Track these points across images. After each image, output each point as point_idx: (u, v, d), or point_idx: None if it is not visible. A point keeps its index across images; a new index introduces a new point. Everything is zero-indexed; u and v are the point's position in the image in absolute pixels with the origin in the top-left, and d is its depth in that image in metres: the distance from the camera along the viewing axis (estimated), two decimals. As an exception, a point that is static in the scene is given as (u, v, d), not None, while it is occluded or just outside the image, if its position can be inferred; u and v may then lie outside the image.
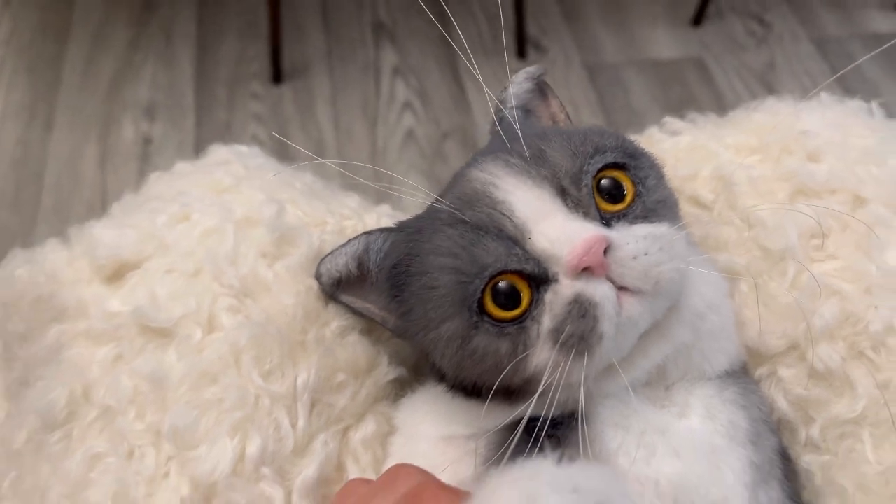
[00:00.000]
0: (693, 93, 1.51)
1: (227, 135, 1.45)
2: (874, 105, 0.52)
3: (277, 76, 1.50)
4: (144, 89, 1.48)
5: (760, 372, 0.45)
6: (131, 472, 0.37)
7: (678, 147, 0.53)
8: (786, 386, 0.44)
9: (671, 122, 0.56)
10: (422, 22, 1.61)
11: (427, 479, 0.31)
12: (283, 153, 1.45)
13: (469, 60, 0.45)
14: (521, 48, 1.54)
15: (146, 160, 1.38)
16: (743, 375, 0.44)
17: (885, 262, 0.43)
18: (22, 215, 1.29)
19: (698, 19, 1.62)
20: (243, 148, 0.57)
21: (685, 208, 0.50)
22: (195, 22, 1.60)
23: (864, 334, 0.42)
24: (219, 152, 0.55)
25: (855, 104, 0.53)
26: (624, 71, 1.54)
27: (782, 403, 0.44)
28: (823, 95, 0.54)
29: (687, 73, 1.54)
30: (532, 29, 1.59)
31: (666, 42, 1.60)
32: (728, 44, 1.60)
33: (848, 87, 1.47)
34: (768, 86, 1.53)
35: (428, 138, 1.45)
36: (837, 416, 0.42)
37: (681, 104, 1.49)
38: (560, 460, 0.27)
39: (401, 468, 0.33)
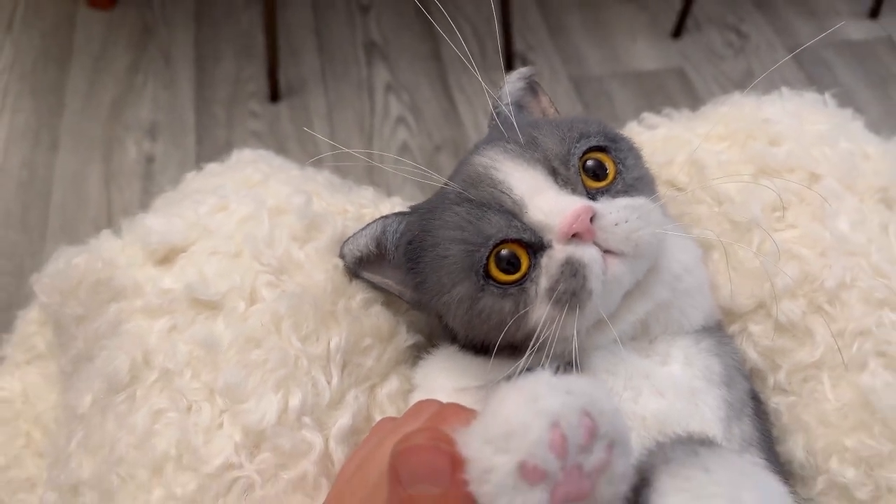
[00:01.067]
0: (675, 101, 1.59)
1: (226, 152, 1.51)
2: (827, 96, 0.60)
3: (274, 95, 1.57)
4: (145, 110, 1.55)
5: (733, 328, 0.52)
6: (190, 423, 0.43)
7: (655, 138, 0.60)
8: (755, 339, 0.51)
9: (649, 117, 0.63)
10: (412, 39, 1.69)
11: (448, 404, 0.37)
12: (281, 150, 1.52)
13: (468, 61, 0.52)
14: (509, 62, 1.62)
15: (149, 178, 1.44)
16: (717, 330, 0.51)
17: (836, 228, 0.50)
18: (31, 235, 1.35)
19: (678, 31, 1.71)
20: (263, 151, 0.64)
21: (662, 190, 0.57)
22: (193, 44, 1.68)
23: (821, 291, 0.49)
24: (243, 154, 0.62)
25: (811, 96, 0.61)
26: (608, 83, 1.62)
27: (753, 354, 0.51)
28: (784, 89, 0.62)
29: (668, 83, 1.63)
30: (519, 44, 1.67)
31: (647, 54, 1.68)
32: (707, 54, 1.69)
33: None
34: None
35: (421, 150, 1.52)
36: (800, 361, 0.49)
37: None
38: (555, 373, 0.32)
39: (423, 402, 0.39)
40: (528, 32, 1.71)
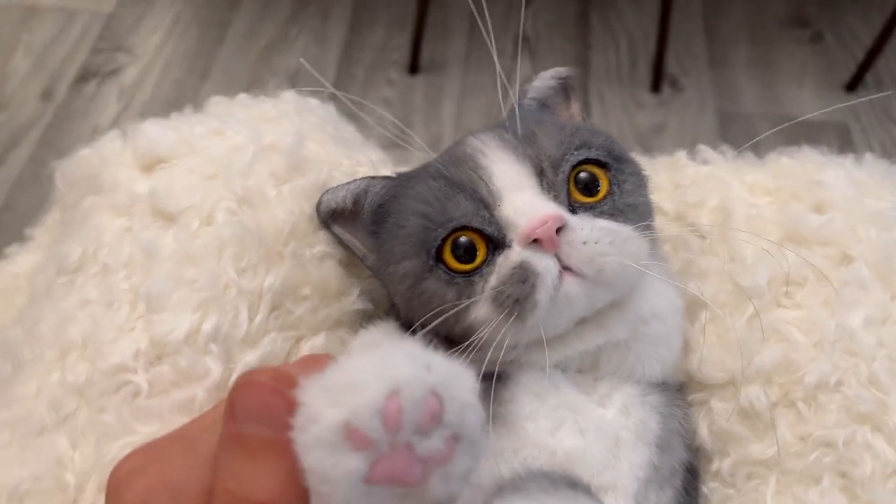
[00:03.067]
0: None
1: (355, 112, 1.57)
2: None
3: (414, 67, 1.60)
4: (293, 60, 1.64)
5: (696, 397, 0.47)
6: (106, 319, 0.44)
7: (698, 174, 0.55)
8: (713, 416, 0.45)
9: (704, 150, 0.58)
10: (563, 41, 1.66)
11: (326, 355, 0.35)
12: (400, 139, 1.56)
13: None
14: (657, 83, 1.55)
15: (278, 120, 1.53)
16: (675, 392, 0.46)
17: (846, 320, 0.43)
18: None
19: (853, 85, 1.55)
20: (314, 101, 0.65)
21: (683, 233, 0.52)
22: (351, 8, 1.75)
23: (799, 385, 0.42)
24: (286, 96, 0.63)
25: (892, 168, 0.53)
26: (758, 123, 1.51)
27: (704, 432, 0.45)
28: (868, 155, 0.54)
29: (825, 138, 1.47)
30: (673, 67, 1.59)
31: (811, 102, 1.54)
32: (880, 116, 1.52)
33: None
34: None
35: (540, 153, 1.49)
36: (750, 455, 0.43)
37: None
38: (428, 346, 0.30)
39: (315, 355, 0.38)
40: (688, 58, 1.62)
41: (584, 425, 0.42)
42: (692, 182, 0.54)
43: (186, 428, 0.34)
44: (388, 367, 0.27)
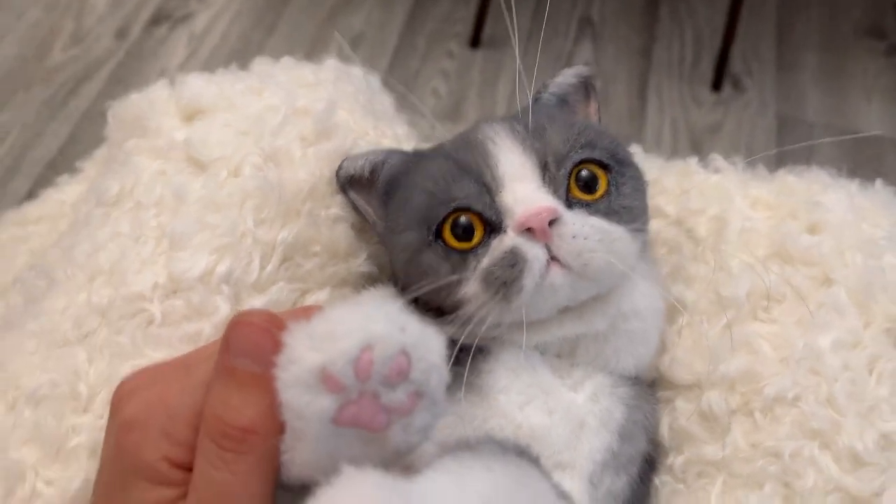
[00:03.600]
0: (882, 175, 1.42)
1: (412, 81, 1.60)
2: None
3: (475, 41, 1.62)
4: (357, 22, 1.67)
5: (665, 395, 0.49)
6: (133, 251, 0.49)
7: (705, 183, 0.57)
8: (676, 414, 0.48)
9: (716, 160, 0.59)
10: (629, 30, 1.65)
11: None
12: (455, 111, 1.58)
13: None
14: (718, 81, 1.53)
15: (335, 81, 1.57)
16: (646, 387, 0.49)
17: (814, 341, 0.45)
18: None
19: (925, 107, 1.50)
20: (357, 70, 0.68)
21: (679, 238, 0.54)
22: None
23: (759, 396, 0.45)
24: (329, 64, 0.67)
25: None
26: (818, 133, 1.48)
27: (665, 428, 0.48)
28: (879, 181, 0.55)
29: (888, 156, 1.44)
30: (737, 66, 1.57)
31: (878, 117, 1.50)
32: (950, 136, 1.47)
33: None
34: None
35: (591, 140, 1.50)
36: (703, 455, 0.45)
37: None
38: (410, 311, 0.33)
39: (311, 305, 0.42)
40: (754, 59, 1.59)
41: (553, 406, 0.45)
42: (698, 189, 0.56)
43: (187, 356, 0.38)
44: (367, 322, 0.31)
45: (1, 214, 0.73)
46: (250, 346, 0.32)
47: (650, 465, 0.47)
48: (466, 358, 0.44)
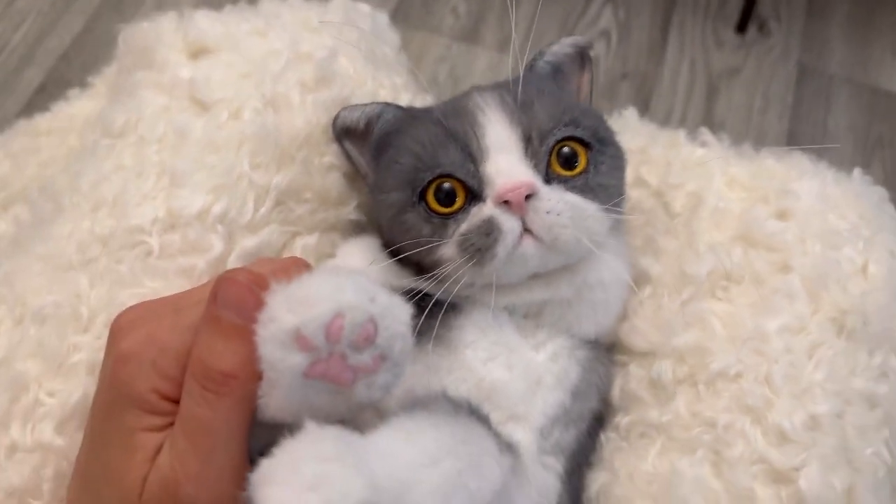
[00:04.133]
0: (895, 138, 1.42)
1: (421, 8, 1.57)
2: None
3: (499, -40, 1.58)
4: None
5: (619, 359, 0.53)
6: (135, 185, 0.53)
7: (690, 157, 0.59)
8: (629, 378, 0.52)
9: (704, 133, 0.61)
10: (657, -39, 1.60)
11: (299, 260, 0.43)
12: (473, 32, 1.56)
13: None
14: (744, 22, 1.50)
15: None
16: (604, 351, 0.53)
17: (762, 325, 0.48)
18: None
19: (952, 69, 1.47)
20: (364, 7, 0.69)
21: (656, 209, 0.57)
22: None
23: (704, 370, 0.49)
24: (336, 2, 0.68)
25: (878, 192, 0.56)
26: (837, 86, 1.46)
27: (616, 390, 0.52)
28: (857, 171, 0.57)
29: (904, 116, 1.43)
30: (765, 10, 1.53)
31: (902, 76, 1.48)
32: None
33: None
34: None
35: (607, 72, 1.49)
36: (646, 418, 0.50)
37: (875, 144, 1.41)
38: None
39: (296, 258, 0.46)
40: (784, 3, 1.55)
41: (514, 363, 0.49)
42: (681, 163, 0.58)
43: (178, 298, 0.43)
44: (341, 291, 0.35)
45: (13, 123, 0.76)
46: (235, 300, 0.37)
47: (599, 422, 0.52)
48: (439, 312, 0.48)
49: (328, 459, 0.31)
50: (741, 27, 1.50)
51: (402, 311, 0.37)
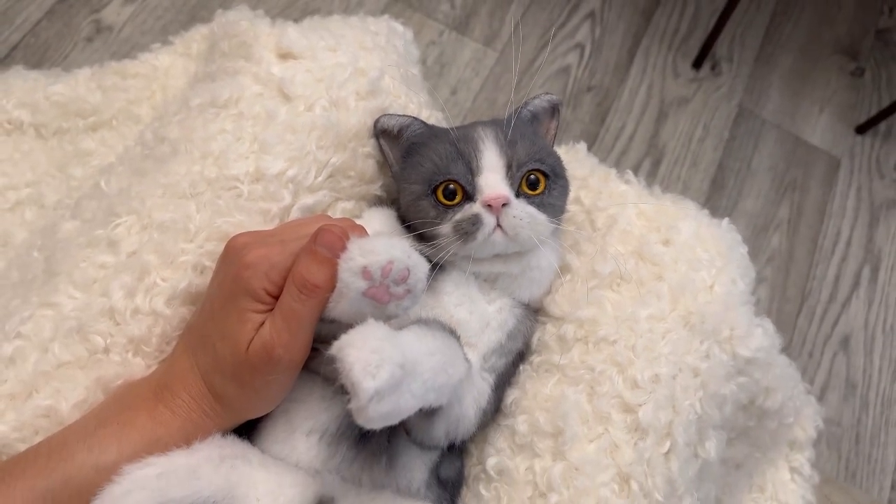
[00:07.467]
0: (807, 186, 1.72)
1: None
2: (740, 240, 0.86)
3: (504, -43, 1.83)
4: None
5: (541, 318, 0.83)
6: (234, 147, 0.78)
7: (615, 190, 0.88)
8: (544, 332, 0.81)
9: (629, 174, 0.91)
10: (639, -12, 1.88)
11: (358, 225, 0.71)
12: (464, 24, 1.81)
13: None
14: (700, 59, 1.79)
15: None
16: (533, 311, 0.83)
17: (637, 312, 0.78)
18: None
19: (864, 128, 1.78)
20: (398, 27, 0.96)
21: (584, 223, 0.86)
22: None
23: (594, 334, 0.78)
24: (380, 20, 0.94)
25: (736, 237, 0.87)
26: (767, 130, 1.76)
27: (535, 339, 0.82)
28: (726, 221, 0.88)
29: (815, 166, 1.74)
30: (722, 51, 1.83)
31: (821, 130, 1.79)
32: (874, 165, 1.77)
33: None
34: (872, 241, 1.70)
35: (575, 81, 1.77)
36: (550, 360, 0.79)
37: (788, 186, 1.71)
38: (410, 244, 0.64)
39: (345, 218, 0.73)
40: (739, 47, 1.86)
41: (473, 309, 0.78)
42: (608, 192, 0.87)
43: (281, 233, 0.69)
44: (393, 248, 0.61)
45: (104, 63, 1.01)
46: (328, 241, 0.63)
47: (520, 357, 0.82)
48: (433, 271, 0.76)
49: (382, 339, 0.58)
50: (697, 63, 1.80)
51: (424, 266, 0.64)
